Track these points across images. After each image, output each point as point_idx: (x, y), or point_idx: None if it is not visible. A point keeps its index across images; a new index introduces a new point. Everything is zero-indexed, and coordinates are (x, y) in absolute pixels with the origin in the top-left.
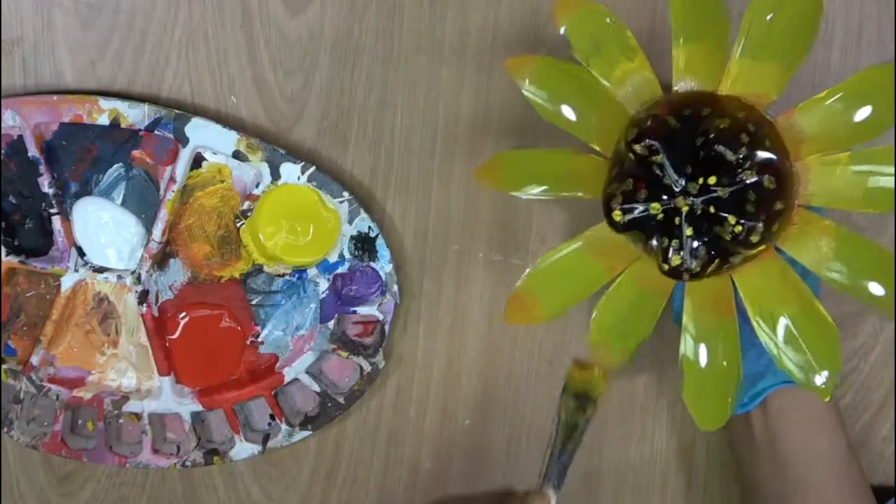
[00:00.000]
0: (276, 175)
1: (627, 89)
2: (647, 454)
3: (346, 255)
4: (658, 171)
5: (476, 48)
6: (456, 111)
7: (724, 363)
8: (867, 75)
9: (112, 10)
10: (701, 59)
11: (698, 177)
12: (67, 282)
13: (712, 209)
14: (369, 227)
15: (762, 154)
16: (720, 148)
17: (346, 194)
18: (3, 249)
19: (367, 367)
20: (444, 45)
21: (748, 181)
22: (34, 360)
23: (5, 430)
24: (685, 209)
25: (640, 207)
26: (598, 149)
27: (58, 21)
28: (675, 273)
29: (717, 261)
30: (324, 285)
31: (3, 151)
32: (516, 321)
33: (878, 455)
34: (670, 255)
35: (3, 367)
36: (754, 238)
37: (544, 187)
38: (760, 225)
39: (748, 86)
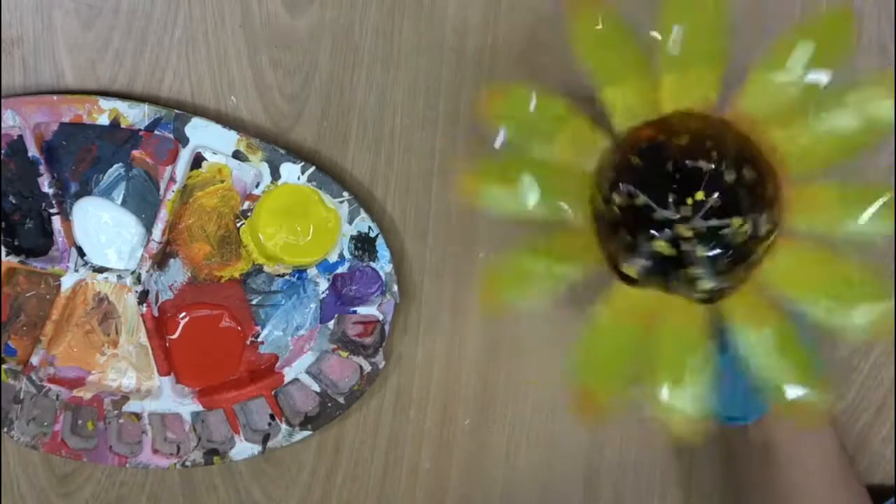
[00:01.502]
0: (276, 175)
1: (578, 153)
2: (647, 454)
3: (346, 255)
4: (645, 211)
5: (476, 48)
6: (456, 110)
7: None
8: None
9: (112, 10)
10: (631, 95)
11: (685, 198)
12: (67, 282)
13: (714, 221)
14: (369, 227)
15: (731, 151)
16: (692, 163)
17: (346, 194)
18: (3, 249)
19: (367, 367)
20: (444, 45)
21: (730, 180)
22: (34, 360)
23: (5, 430)
24: (688, 234)
25: (647, 252)
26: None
27: (58, 21)
28: (710, 299)
29: (740, 266)
30: (324, 285)
31: (3, 151)
32: (586, 420)
33: (878, 455)
34: (698, 284)
35: (3, 367)
36: (766, 228)
37: (548, 284)
38: (764, 215)
39: (687, 97)
